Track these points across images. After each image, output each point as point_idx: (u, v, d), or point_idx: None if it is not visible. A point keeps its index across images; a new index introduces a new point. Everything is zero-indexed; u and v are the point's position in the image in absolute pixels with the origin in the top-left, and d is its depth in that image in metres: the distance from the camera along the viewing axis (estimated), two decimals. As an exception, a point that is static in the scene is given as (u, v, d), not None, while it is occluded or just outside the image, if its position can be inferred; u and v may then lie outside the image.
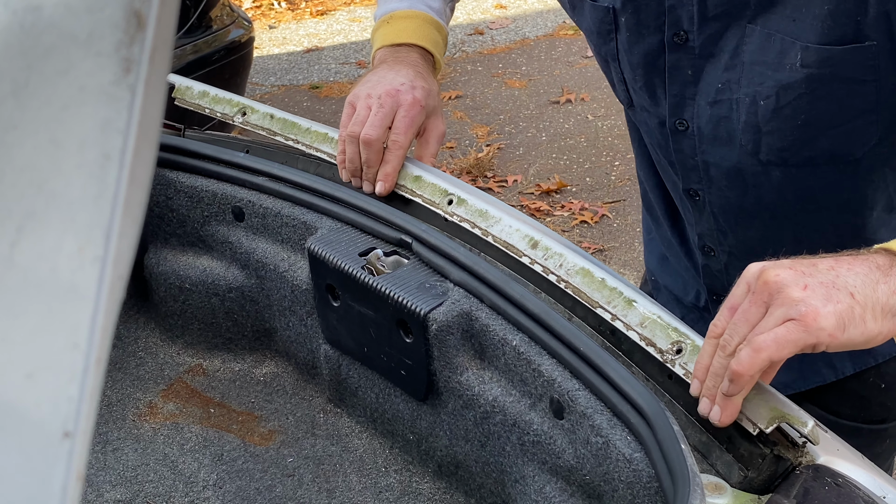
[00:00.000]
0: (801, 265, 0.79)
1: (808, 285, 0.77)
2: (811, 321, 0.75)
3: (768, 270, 0.79)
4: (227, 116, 1.41)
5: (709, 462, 0.86)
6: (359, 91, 1.23)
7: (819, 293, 0.76)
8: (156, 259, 1.50)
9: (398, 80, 1.22)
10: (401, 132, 1.20)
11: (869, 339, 0.79)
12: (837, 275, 0.78)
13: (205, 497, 1.25)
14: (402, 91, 1.20)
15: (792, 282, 0.77)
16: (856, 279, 0.78)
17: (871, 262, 0.80)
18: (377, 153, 1.21)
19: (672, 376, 0.91)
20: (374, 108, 1.20)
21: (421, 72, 1.26)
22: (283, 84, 5.49)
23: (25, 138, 0.37)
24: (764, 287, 0.78)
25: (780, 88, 1.03)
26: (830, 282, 0.77)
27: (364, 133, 1.19)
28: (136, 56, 0.35)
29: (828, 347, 0.77)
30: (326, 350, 1.32)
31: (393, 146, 1.21)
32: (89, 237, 0.36)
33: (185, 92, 1.46)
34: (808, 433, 0.80)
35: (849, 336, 0.77)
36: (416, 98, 1.20)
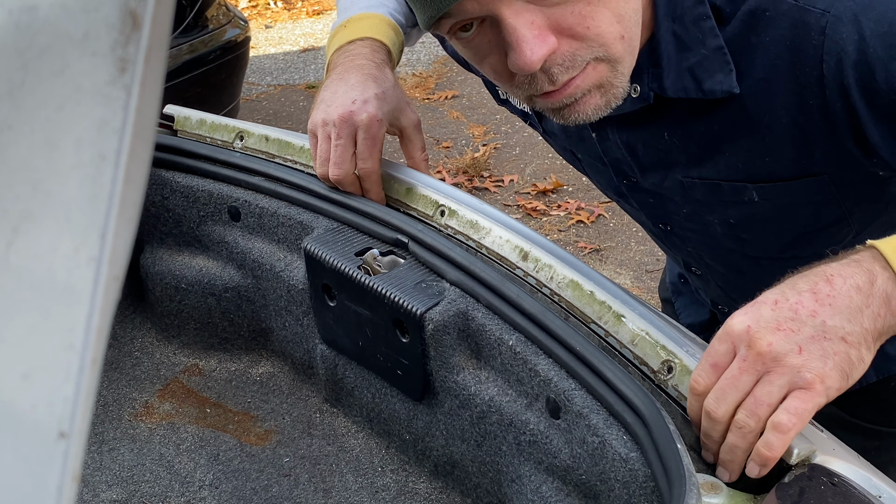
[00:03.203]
0: (786, 319, 0.76)
1: (802, 347, 0.75)
2: (818, 385, 0.74)
3: (758, 339, 0.76)
4: (226, 143, 1.42)
5: (705, 461, 0.86)
6: (315, 117, 1.18)
7: (815, 352, 0.75)
8: (152, 259, 1.50)
9: (349, 96, 1.15)
10: (366, 157, 1.16)
11: (866, 369, 0.78)
12: (823, 322, 0.75)
13: (201, 497, 1.25)
14: (355, 111, 1.14)
15: (787, 348, 0.75)
16: (841, 318, 0.76)
17: (850, 283, 0.77)
18: (353, 185, 1.20)
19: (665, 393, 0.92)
20: (333, 140, 1.16)
21: (370, 72, 1.18)
22: (279, 83, 5.49)
23: (21, 138, 0.37)
24: (758, 358, 0.76)
25: (745, 217, 1.05)
26: (820, 334, 0.75)
27: (332, 174, 1.18)
28: (131, 56, 0.35)
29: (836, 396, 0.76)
30: (323, 350, 1.32)
31: (365, 174, 1.18)
32: (85, 237, 0.36)
33: (185, 123, 1.47)
34: (794, 462, 0.80)
35: (852, 380, 0.77)
36: (371, 115, 1.14)
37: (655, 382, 0.92)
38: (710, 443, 0.82)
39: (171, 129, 1.48)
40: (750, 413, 0.76)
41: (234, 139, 1.42)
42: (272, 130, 1.40)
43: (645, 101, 0.95)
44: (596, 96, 0.89)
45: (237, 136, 1.42)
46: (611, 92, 0.89)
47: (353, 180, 1.18)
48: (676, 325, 1.01)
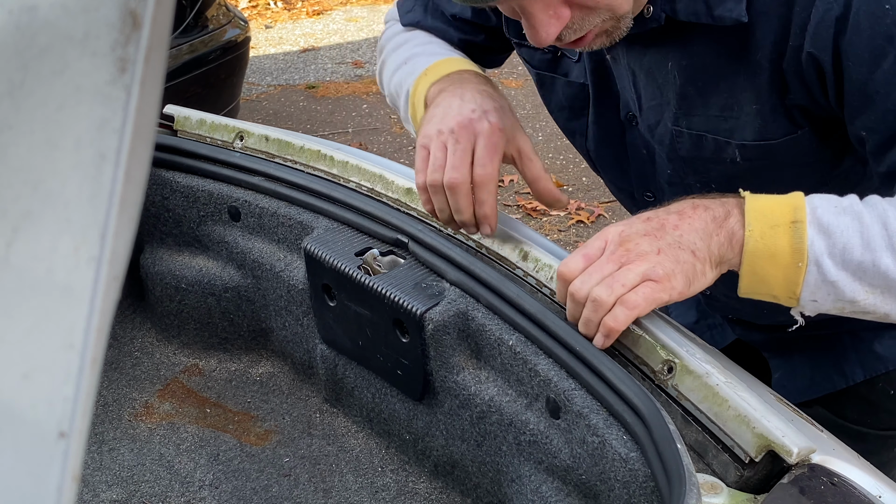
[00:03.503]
0: (653, 229, 0.91)
1: (661, 249, 0.89)
2: (667, 282, 0.88)
3: (628, 238, 0.90)
4: (226, 143, 1.42)
5: (705, 461, 0.86)
6: (428, 130, 1.07)
7: (670, 256, 0.89)
8: (152, 259, 1.50)
9: (467, 107, 1.07)
10: (485, 163, 1.04)
11: (706, 286, 0.92)
12: (682, 235, 0.90)
13: (201, 497, 1.25)
14: (475, 119, 1.05)
15: (649, 248, 0.89)
16: (695, 237, 0.90)
17: (710, 213, 0.92)
18: (466, 196, 1.05)
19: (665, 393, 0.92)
20: (450, 147, 1.05)
21: (485, 89, 1.12)
22: (279, 84, 5.49)
23: (21, 138, 0.37)
24: (625, 252, 0.90)
25: (728, 177, 1.07)
26: (677, 243, 0.90)
27: (447, 178, 1.04)
28: (131, 56, 0.35)
29: (677, 300, 0.90)
30: (323, 350, 1.32)
31: (481, 181, 1.04)
32: (85, 237, 0.36)
33: (185, 122, 1.47)
34: (793, 462, 0.80)
35: (693, 289, 0.91)
36: (492, 123, 1.05)
37: (655, 382, 0.92)
38: (572, 321, 0.95)
39: (171, 129, 1.48)
40: (606, 287, 0.89)
41: (233, 139, 1.42)
42: (272, 130, 1.40)
43: (656, 22, 0.99)
44: (602, 38, 0.99)
45: (237, 135, 1.42)
46: (615, 33, 0.98)
47: (468, 189, 1.05)
48: (676, 325, 1.01)
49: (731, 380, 0.88)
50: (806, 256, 0.88)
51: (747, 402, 0.84)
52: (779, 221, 0.90)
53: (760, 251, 0.90)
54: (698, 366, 0.90)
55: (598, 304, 0.89)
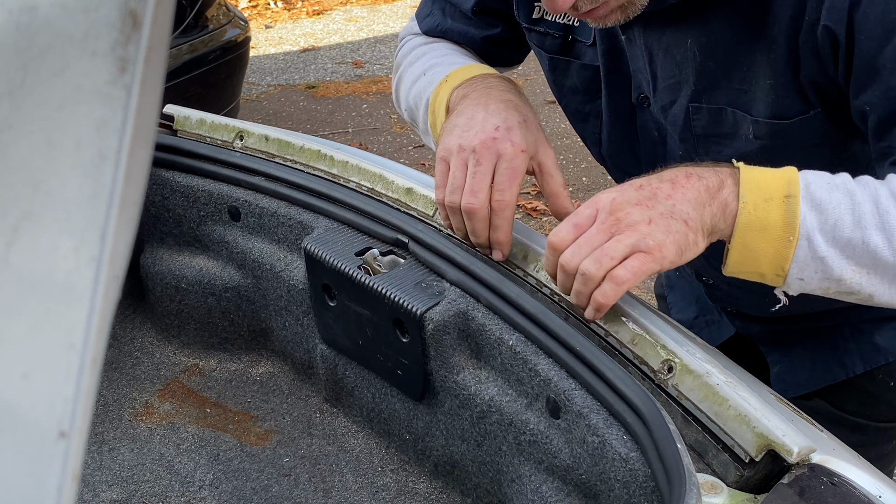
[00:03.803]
0: (645, 198, 0.90)
1: (651, 219, 0.88)
2: (657, 252, 0.88)
3: (619, 207, 0.90)
4: (226, 143, 1.42)
5: (705, 461, 0.86)
6: (449, 143, 1.05)
7: (661, 226, 0.88)
8: (152, 259, 1.50)
9: (491, 122, 1.04)
10: (504, 188, 1.02)
11: (697, 254, 0.92)
12: (674, 204, 0.90)
13: (201, 497, 1.25)
14: (499, 138, 1.03)
15: (639, 219, 0.89)
16: (688, 206, 0.90)
17: (703, 183, 0.91)
18: (482, 221, 1.04)
19: (665, 393, 0.92)
20: (470, 167, 1.03)
21: (510, 98, 1.09)
22: (279, 84, 5.49)
23: (21, 138, 0.37)
24: (615, 222, 0.89)
25: (739, 157, 1.07)
26: (668, 212, 0.89)
27: (465, 203, 1.03)
28: (131, 56, 0.35)
29: (668, 269, 0.90)
30: (323, 350, 1.32)
31: (499, 207, 1.02)
32: (85, 237, 0.36)
33: (185, 122, 1.47)
34: (794, 461, 0.80)
35: (685, 258, 0.90)
36: (515, 144, 1.02)
37: (655, 382, 0.92)
38: (563, 292, 0.95)
39: (171, 129, 1.48)
40: (595, 261, 0.89)
41: (233, 139, 1.42)
42: (272, 130, 1.40)
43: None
44: (616, 13, 0.99)
45: (237, 135, 1.42)
46: (630, 9, 0.99)
47: (485, 214, 1.03)
48: (676, 324, 1.02)
49: (732, 379, 0.88)
50: (797, 231, 0.89)
51: (747, 401, 0.84)
52: (772, 195, 0.90)
53: (753, 223, 0.90)
54: (698, 365, 0.90)
55: (588, 278, 0.89)
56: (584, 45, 1.17)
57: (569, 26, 1.17)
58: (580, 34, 1.17)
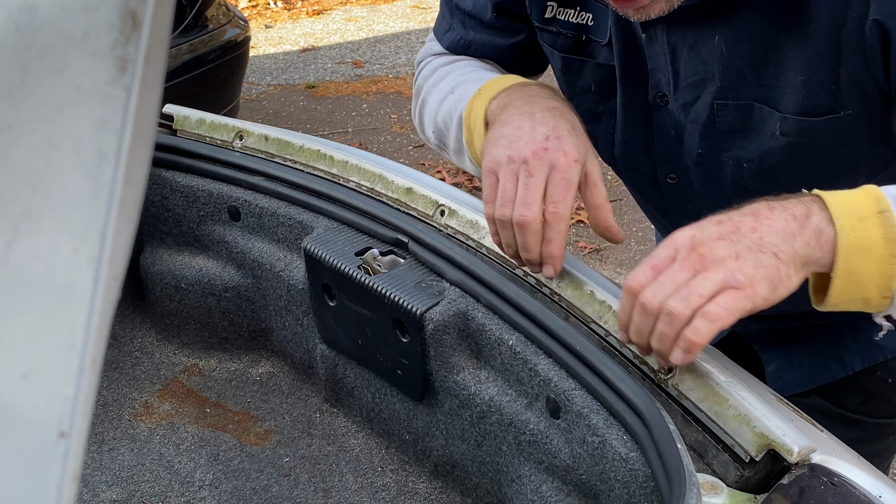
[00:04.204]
0: (728, 232, 0.84)
1: (738, 254, 0.82)
2: (749, 288, 0.81)
3: (701, 243, 0.83)
4: (226, 143, 1.42)
5: (705, 461, 0.86)
6: (497, 154, 1.00)
7: (750, 260, 0.82)
8: (151, 259, 1.49)
9: (541, 131, 0.99)
10: (558, 199, 0.97)
11: (792, 290, 0.85)
12: (761, 237, 0.83)
13: (201, 497, 1.25)
14: (550, 148, 0.97)
15: (726, 253, 0.82)
16: (777, 237, 0.83)
17: (789, 213, 0.85)
18: (535, 235, 0.98)
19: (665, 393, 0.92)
20: (521, 178, 0.97)
21: (555, 105, 1.04)
22: (279, 83, 5.49)
23: (21, 138, 0.37)
24: (698, 259, 0.83)
25: (763, 153, 1.06)
26: (756, 246, 0.83)
27: (517, 215, 0.97)
28: (131, 55, 0.35)
29: (762, 307, 0.82)
30: (323, 350, 1.32)
31: (553, 219, 0.97)
32: (85, 237, 0.36)
33: (185, 122, 1.47)
34: (794, 461, 0.80)
35: (779, 295, 0.83)
36: (567, 153, 0.97)
37: (655, 382, 0.92)
38: (642, 339, 0.86)
39: (171, 128, 1.48)
40: (682, 299, 0.81)
41: (233, 138, 1.42)
42: (272, 130, 1.40)
43: None
44: (661, 3, 0.96)
45: (237, 135, 1.42)
46: None
47: (538, 227, 0.98)
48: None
49: (732, 379, 0.88)
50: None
51: (747, 401, 0.84)
52: (865, 213, 0.85)
53: (855, 245, 0.84)
54: (698, 365, 0.90)
55: (674, 317, 0.81)
56: (599, 45, 1.15)
57: (582, 26, 1.15)
58: (595, 34, 1.15)
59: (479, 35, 1.25)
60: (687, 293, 0.81)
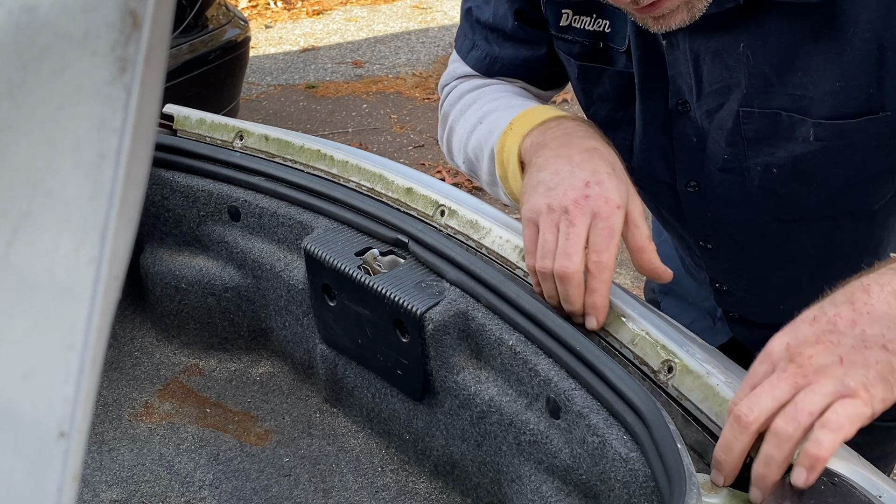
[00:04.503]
0: (825, 332, 0.76)
1: (843, 358, 0.74)
2: (863, 393, 0.73)
3: (798, 353, 0.75)
4: (226, 143, 1.42)
5: (705, 461, 0.86)
6: (536, 203, 0.96)
7: (858, 362, 0.74)
8: (151, 259, 1.49)
9: (580, 176, 0.95)
10: (602, 249, 0.93)
11: None
12: (863, 331, 0.75)
13: (201, 497, 1.25)
14: (591, 195, 0.93)
15: (829, 361, 0.74)
16: (881, 326, 0.75)
17: (887, 291, 0.77)
18: (577, 287, 0.95)
19: (665, 393, 0.92)
20: (562, 228, 0.94)
21: (594, 146, 1.00)
22: (279, 84, 5.49)
23: (21, 138, 0.37)
24: (798, 369, 0.75)
25: (794, 159, 1.03)
26: (860, 343, 0.75)
27: (558, 267, 0.94)
28: (131, 56, 0.35)
29: (883, 410, 0.74)
30: (323, 350, 1.32)
31: (597, 269, 0.93)
32: (85, 237, 0.36)
33: (185, 122, 1.47)
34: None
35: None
36: (609, 199, 0.93)
37: (656, 382, 0.92)
38: (729, 457, 0.78)
39: (171, 128, 1.48)
40: (790, 419, 0.73)
41: (233, 139, 1.42)
42: (272, 130, 1.40)
43: (735, 1, 0.95)
44: (682, 12, 0.94)
45: (237, 135, 1.42)
46: (696, 7, 0.94)
47: (580, 279, 0.94)
48: (677, 324, 1.02)
49: (732, 380, 0.88)
50: None
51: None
52: None
53: None
54: (698, 366, 0.90)
55: (783, 439, 0.73)
56: (618, 52, 1.12)
57: (599, 33, 1.12)
58: (613, 41, 1.12)
59: (505, 50, 1.22)
60: (794, 412, 0.73)
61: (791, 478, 0.74)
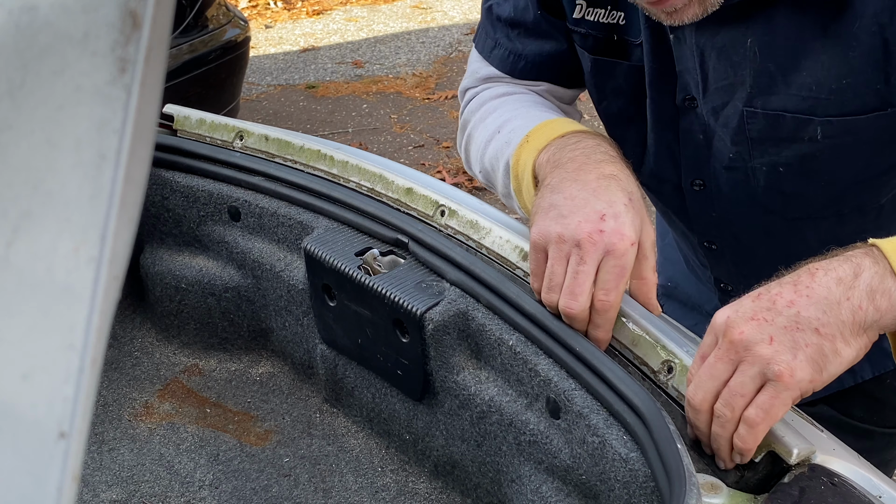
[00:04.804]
0: (761, 311, 0.78)
1: (773, 337, 0.76)
2: (788, 378, 0.75)
3: (733, 327, 0.78)
4: (226, 143, 1.42)
5: (705, 461, 0.86)
6: (546, 228, 0.93)
7: (786, 343, 0.76)
8: (151, 259, 1.50)
9: (594, 207, 0.91)
10: (610, 288, 0.91)
11: (848, 363, 0.78)
12: (798, 311, 0.77)
13: (201, 497, 1.25)
14: (606, 232, 0.90)
15: (758, 338, 0.77)
16: (817, 309, 0.77)
17: (832, 276, 0.78)
18: (581, 323, 0.94)
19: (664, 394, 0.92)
20: (572, 264, 0.92)
21: (611, 172, 0.96)
22: (279, 84, 5.49)
23: (21, 138, 0.37)
24: (730, 346, 0.78)
25: (801, 157, 1.02)
26: (793, 324, 0.76)
27: (563, 305, 0.93)
28: (131, 56, 0.35)
29: (814, 390, 0.77)
30: (323, 350, 1.32)
31: (602, 308, 0.92)
32: (85, 237, 0.36)
33: (185, 122, 1.46)
34: (793, 462, 0.80)
35: (829, 374, 0.77)
36: (623, 235, 0.90)
37: (656, 383, 0.92)
38: (699, 433, 0.85)
39: (171, 128, 1.48)
40: (725, 404, 0.79)
41: (233, 138, 1.42)
42: (272, 130, 1.40)
43: None
44: (695, 6, 0.93)
45: (237, 135, 1.42)
46: (709, 1, 0.93)
47: (586, 317, 0.93)
48: (677, 325, 1.02)
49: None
50: None
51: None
52: None
53: None
54: (698, 366, 0.89)
55: (724, 420, 0.79)
56: (633, 45, 1.10)
57: (613, 25, 1.11)
58: (628, 33, 1.10)
59: (528, 46, 1.19)
60: (729, 396, 0.78)
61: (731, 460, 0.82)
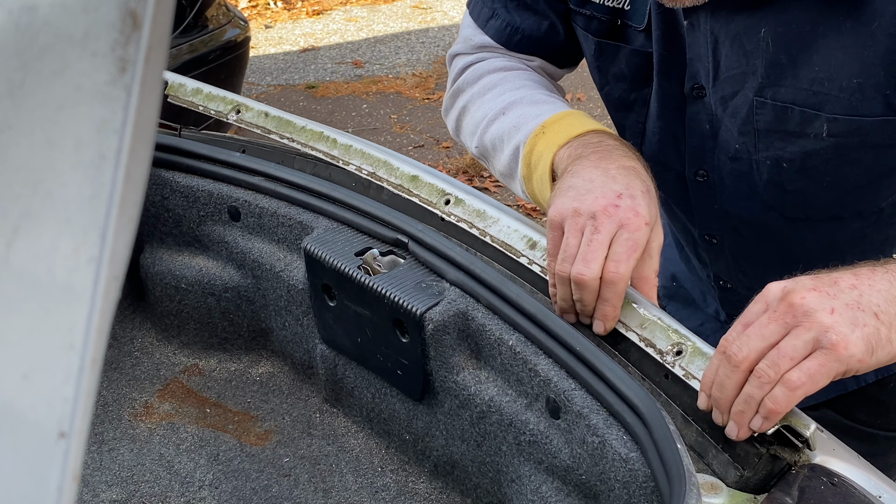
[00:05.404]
0: (824, 285, 0.78)
1: (834, 309, 0.76)
2: (842, 350, 0.75)
3: (793, 293, 0.77)
4: (220, 114, 1.40)
5: (705, 461, 0.86)
6: (563, 205, 0.95)
7: (846, 317, 0.75)
8: (152, 259, 1.49)
9: (611, 187, 0.94)
10: (621, 261, 0.91)
11: (893, 357, 0.78)
12: (861, 294, 0.77)
13: (201, 497, 1.25)
14: (621, 206, 0.92)
15: (819, 306, 0.76)
16: (878, 297, 0.77)
17: (890, 275, 0.80)
18: (592, 293, 0.94)
19: (668, 376, 0.92)
20: (586, 234, 0.93)
21: (631, 164, 0.98)
22: (279, 84, 5.49)
23: (21, 138, 0.37)
24: (789, 309, 0.77)
25: (804, 154, 1.02)
26: (855, 303, 0.76)
27: (575, 272, 0.92)
28: (131, 56, 0.35)
29: (857, 371, 0.76)
30: (323, 350, 1.32)
31: (612, 279, 0.92)
32: (85, 237, 0.36)
33: (178, 89, 1.45)
34: (809, 436, 0.80)
35: (877, 359, 0.77)
36: (638, 213, 0.92)
37: (660, 363, 0.91)
38: (724, 395, 0.80)
39: (172, 127, 1.48)
40: (771, 364, 0.76)
41: (230, 111, 1.39)
42: (272, 109, 1.37)
43: None
44: None
45: (234, 108, 1.39)
46: None
47: (597, 286, 0.93)
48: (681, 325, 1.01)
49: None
50: None
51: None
52: None
53: None
54: (711, 350, 0.88)
55: (764, 381, 0.77)
56: (636, 31, 1.09)
57: (618, 10, 1.10)
58: (631, 19, 1.10)
59: (526, 20, 1.19)
60: (777, 356, 0.76)
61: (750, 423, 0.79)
